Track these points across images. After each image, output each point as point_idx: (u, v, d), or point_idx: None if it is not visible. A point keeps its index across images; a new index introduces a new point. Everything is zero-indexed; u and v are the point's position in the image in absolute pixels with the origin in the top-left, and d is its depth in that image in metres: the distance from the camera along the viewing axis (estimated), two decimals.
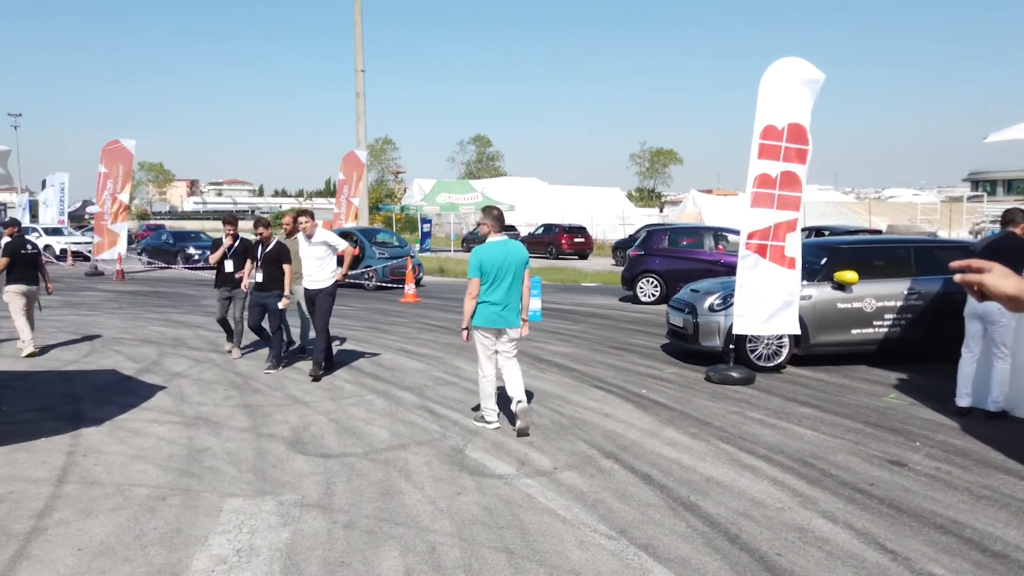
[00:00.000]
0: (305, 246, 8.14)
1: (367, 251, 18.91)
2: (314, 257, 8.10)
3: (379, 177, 73.87)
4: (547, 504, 4.61)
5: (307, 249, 8.13)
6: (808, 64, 7.81)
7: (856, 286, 8.50)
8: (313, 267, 8.12)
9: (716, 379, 7.91)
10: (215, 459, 5.42)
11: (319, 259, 8.09)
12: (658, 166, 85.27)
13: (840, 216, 33.70)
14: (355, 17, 28.14)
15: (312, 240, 8.09)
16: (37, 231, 29.90)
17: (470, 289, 5.96)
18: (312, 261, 8.11)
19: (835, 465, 5.36)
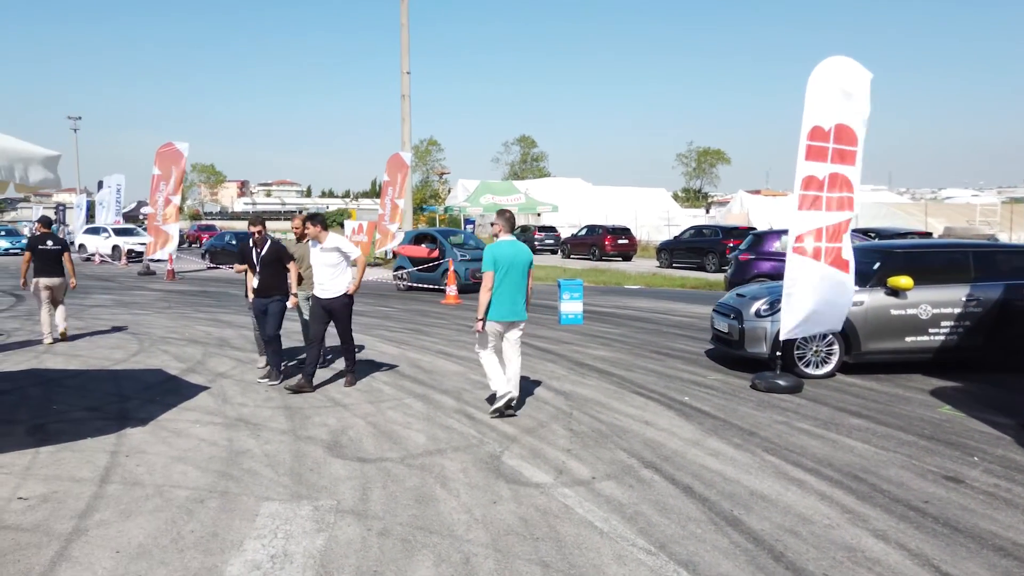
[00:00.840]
0: (316, 252, 7.60)
1: (448, 253, 18.11)
2: (326, 264, 7.54)
3: (424, 178, 74.48)
4: (584, 515, 4.50)
5: (318, 256, 7.57)
6: (855, 63, 7.57)
7: (911, 292, 8.17)
8: (326, 275, 7.57)
9: (762, 387, 7.68)
10: (254, 461, 5.45)
11: (332, 267, 7.54)
12: (705, 166, 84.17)
13: (894, 218, 32.69)
14: (402, 20, 28.37)
15: (324, 246, 7.53)
16: (107, 231, 30.72)
17: (485, 282, 6.49)
18: (324, 269, 7.56)
19: (887, 480, 5.13)
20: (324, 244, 7.52)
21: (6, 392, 7.54)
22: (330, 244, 7.52)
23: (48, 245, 10.27)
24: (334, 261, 7.53)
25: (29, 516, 4.41)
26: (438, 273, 17.98)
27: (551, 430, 6.31)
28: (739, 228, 27.68)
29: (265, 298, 7.88)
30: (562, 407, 7.08)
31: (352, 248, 7.66)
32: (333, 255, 7.53)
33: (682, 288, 20.06)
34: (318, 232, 7.52)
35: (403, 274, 19.07)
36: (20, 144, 5.28)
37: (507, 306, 6.52)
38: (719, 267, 25.42)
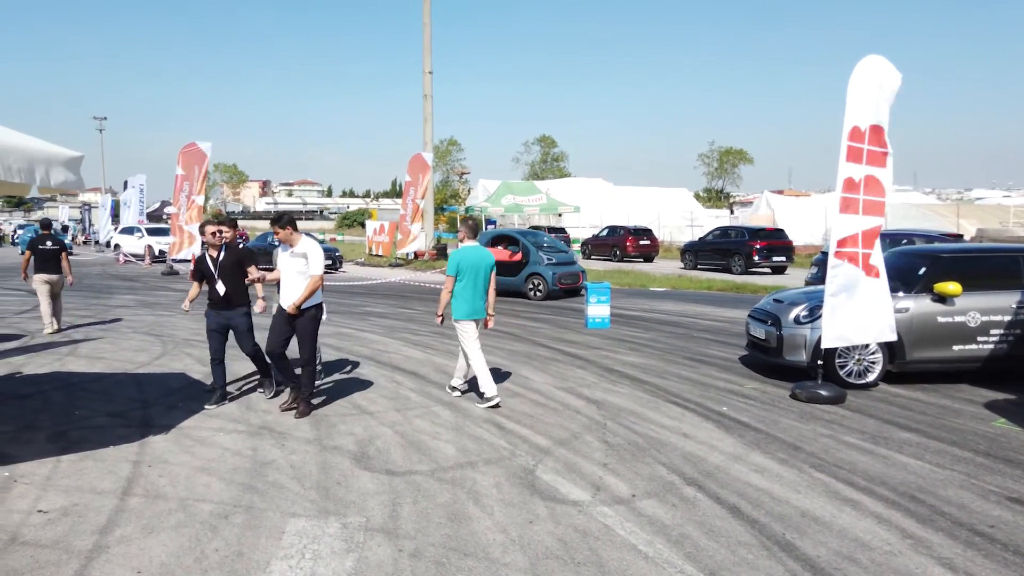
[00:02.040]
0: (285, 257, 6.78)
1: (532, 256, 16.79)
2: (296, 271, 6.69)
3: (444, 178, 74.37)
4: (627, 538, 4.25)
5: (286, 261, 6.75)
6: (889, 64, 7.32)
7: (959, 298, 7.82)
8: (294, 283, 6.69)
9: (803, 397, 7.37)
10: (279, 473, 5.26)
11: (300, 274, 6.67)
12: (727, 166, 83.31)
13: (925, 219, 31.96)
14: (424, 19, 28.24)
15: (295, 250, 6.70)
16: (140, 231, 30.74)
17: (447, 284, 7.22)
18: (293, 276, 6.70)
19: (947, 501, 4.83)
20: (295, 248, 6.71)
21: (29, 396, 7.42)
22: (301, 249, 6.69)
23: (47, 245, 11.39)
24: (303, 267, 6.70)
25: (49, 531, 4.24)
26: (521, 278, 16.77)
27: (585, 442, 6.07)
28: (766, 229, 27.28)
29: (228, 310, 7.03)
30: (595, 417, 6.82)
31: (317, 262, 6.66)
32: (302, 261, 6.70)
33: (709, 291, 19.69)
34: (288, 235, 6.70)
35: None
36: (42, 145, 5.13)
37: (470, 305, 7.17)
38: (745, 269, 25.10)
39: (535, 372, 8.79)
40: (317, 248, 6.73)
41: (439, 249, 29.99)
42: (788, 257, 25.62)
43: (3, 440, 5.95)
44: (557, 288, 16.54)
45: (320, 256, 6.70)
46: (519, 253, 17.02)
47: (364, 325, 12.58)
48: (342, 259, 27.39)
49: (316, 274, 6.62)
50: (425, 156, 27.00)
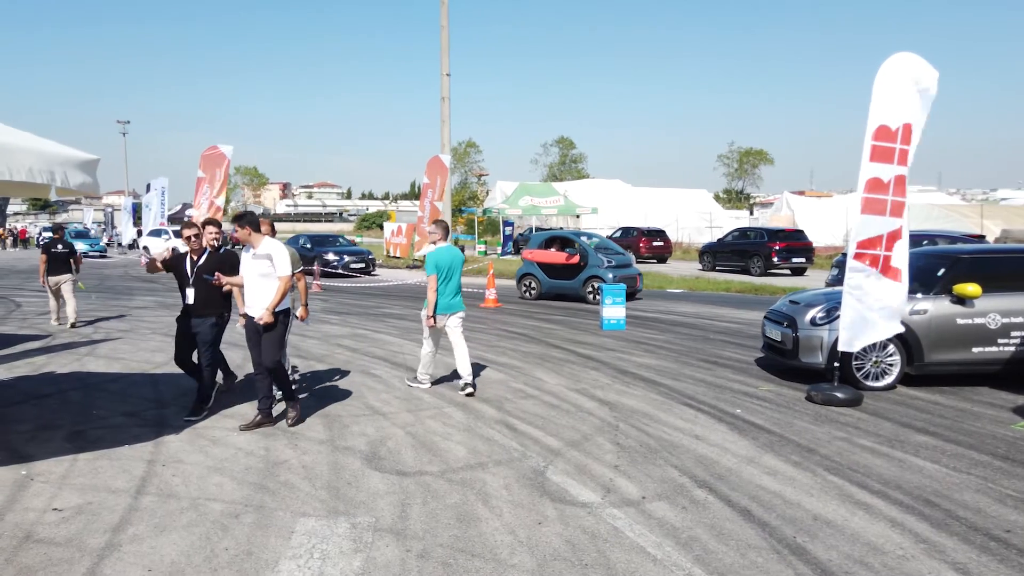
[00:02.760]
0: (247, 260, 6.34)
1: (591, 259, 16.03)
2: (258, 274, 6.27)
3: (462, 180, 74.56)
4: (636, 540, 4.23)
5: (249, 264, 6.32)
6: (923, 61, 7.14)
7: (979, 300, 7.70)
8: (258, 288, 6.28)
9: (819, 399, 7.29)
10: (290, 473, 5.29)
11: (263, 277, 6.25)
12: (747, 167, 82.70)
13: (948, 220, 31.51)
14: (442, 21, 28.31)
15: (257, 252, 6.25)
16: (168, 233, 31.00)
17: (431, 284, 7.53)
18: (256, 280, 6.29)
19: (963, 505, 4.75)
20: (257, 250, 6.25)
21: (49, 396, 7.54)
22: (264, 250, 6.23)
23: (59, 248, 12.50)
24: (265, 270, 6.24)
25: (63, 529, 4.30)
26: (579, 281, 16.03)
27: (596, 444, 6.05)
28: (786, 230, 27.10)
29: (196, 318, 6.63)
30: (607, 419, 6.80)
31: (283, 263, 6.24)
32: (265, 263, 6.24)
33: (727, 292, 19.56)
34: (247, 235, 6.23)
35: (531, 283, 17.17)
36: (60, 148, 5.22)
37: (448, 300, 7.62)
38: (764, 270, 24.93)
39: (548, 374, 8.77)
40: (282, 248, 6.33)
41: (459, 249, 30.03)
42: (808, 258, 25.49)
43: (22, 439, 6.04)
44: None
45: (286, 256, 6.28)
46: (576, 255, 16.28)
47: (380, 326, 12.63)
48: (375, 261, 26.29)
49: (283, 275, 6.23)
50: (443, 158, 27.07)
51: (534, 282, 17.08)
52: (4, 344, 10.51)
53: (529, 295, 17.17)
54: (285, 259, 6.27)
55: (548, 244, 17.08)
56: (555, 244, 17.01)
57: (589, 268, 15.91)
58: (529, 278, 17.22)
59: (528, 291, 17.23)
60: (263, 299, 6.24)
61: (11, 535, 4.21)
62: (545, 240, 17.30)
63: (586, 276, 15.82)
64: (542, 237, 17.68)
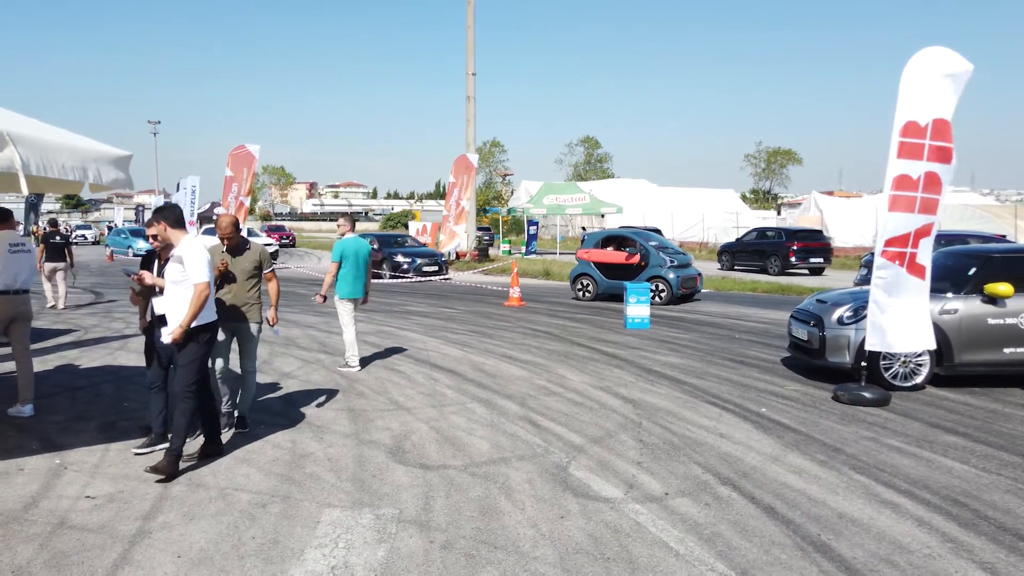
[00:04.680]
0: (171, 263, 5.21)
1: (653, 259, 15.61)
2: (170, 281, 5.20)
3: (487, 179, 74.69)
4: (658, 535, 4.22)
5: (169, 268, 5.23)
6: (954, 54, 7.01)
7: (1011, 300, 7.57)
8: (170, 296, 5.20)
9: (846, 399, 7.22)
10: (316, 465, 5.36)
11: (175, 284, 5.17)
12: (775, 166, 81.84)
13: (980, 221, 30.92)
14: (467, 21, 28.42)
15: (173, 253, 5.21)
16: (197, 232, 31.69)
17: (332, 269, 8.52)
18: (168, 287, 5.22)
19: (991, 506, 4.68)
20: (175, 250, 5.20)
21: (81, 388, 7.71)
22: (178, 251, 5.16)
23: (56, 239, 14.34)
24: (177, 276, 5.16)
25: (95, 516, 4.41)
26: (640, 282, 15.07)
27: (620, 440, 6.05)
28: (804, 230, 27.12)
29: None
30: (631, 416, 6.79)
31: (196, 267, 5.08)
32: (178, 268, 5.15)
33: (753, 292, 19.39)
34: (163, 231, 5.25)
35: (588, 283, 16.66)
36: (94, 144, 5.34)
37: (351, 287, 8.51)
38: (782, 270, 24.89)
39: (572, 371, 8.78)
40: (196, 249, 5.16)
41: (481, 250, 30.12)
42: (825, 258, 25.45)
43: (56, 429, 6.19)
44: (680, 292, 15.54)
45: (199, 260, 5.11)
46: (636, 255, 15.86)
47: (404, 323, 12.73)
48: (447, 264, 24.05)
49: (198, 282, 5.08)
50: (470, 157, 27.18)
51: (591, 282, 16.59)
52: (38, 338, 10.75)
53: (585, 295, 16.68)
54: (198, 263, 5.10)
55: (605, 243, 16.71)
56: (612, 243, 16.68)
57: (651, 268, 15.55)
58: (585, 278, 16.73)
59: (584, 291, 16.72)
60: (177, 311, 5.16)
61: (45, 521, 4.33)
62: (602, 239, 16.88)
63: (648, 276, 15.39)
64: (598, 236, 17.24)
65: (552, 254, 35.15)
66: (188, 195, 33.29)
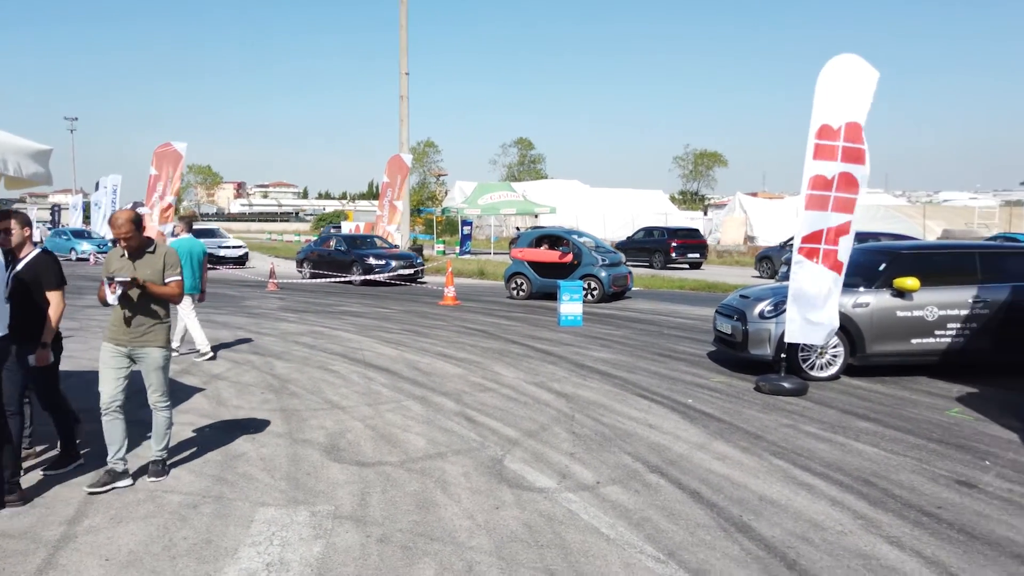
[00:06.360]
0: None
1: (585, 257, 15.88)
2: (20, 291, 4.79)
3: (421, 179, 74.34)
4: (590, 521, 4.37)
5: None
6: (864, 61, 7.45)
7: (917, 293, 8.06)
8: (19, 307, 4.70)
9: (767, 389, 7.56)
10: (249, 465, 5.31)
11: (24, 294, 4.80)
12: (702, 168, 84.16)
13: (893, 220, 32.58)
14: (400, 20, 28.27)
15: None
16: None
17: None
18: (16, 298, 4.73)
19: (899, 485, 5.01)
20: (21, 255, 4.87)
21: None
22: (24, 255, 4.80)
23: None
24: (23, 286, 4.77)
25: (17, 522, 4.27)
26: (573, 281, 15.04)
27: (553, 433, 6.19)
28: (683, 229, 30.70)
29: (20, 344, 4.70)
30: (564, 410, 6.95)
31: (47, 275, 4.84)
32: None
33: (681, 290, 19.95)
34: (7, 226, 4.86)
35: (522, 282, 16.79)
36: (10, 137, 5.15)
37: (189, 283, 8.76)
38: (664, 265, 27.83)
39: (507, 368, 8.90)
40: (42, 257, 4.93)
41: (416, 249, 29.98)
42: (702, 254, 28.94)
43: None
44: (612, 291, 15.84)
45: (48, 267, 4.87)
46: (569, 254, 16.08)
47: (338, 324, 12.61)
48: (424, 267, 22.01)
49: (52, 292, 4.90)
50: (404, 157, 27.02)
51: (525, 281, 16.78)
52: None
53: (519, 294, 16.85)
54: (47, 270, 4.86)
55: (539, 243, 16.88)
56: (546, 242, 16.85)
57: (584, 267, 15.82)
58: (519, 277, 16.91)
59: (518, 290, 16.90)
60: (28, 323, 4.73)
61: None
62: (536, 239, 17.05)
63: (581, 274, 15.66)
64: (532, 236, 17.42)
65: (487, 254, 35.30)
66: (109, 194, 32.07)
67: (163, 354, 5.00)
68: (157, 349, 4.95)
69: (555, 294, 13.45)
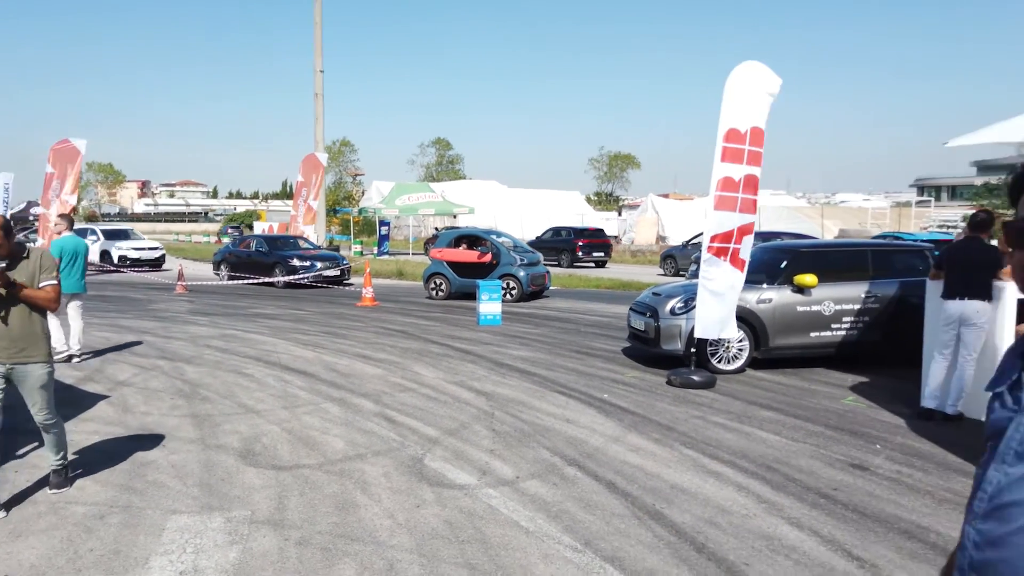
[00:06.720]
0: None
1: (504, 257, 16.01)
2: None
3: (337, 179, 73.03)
4: (510, 515, 4.46)
5: None
6: (767, 69, 7.84)
7: (815, 289, 8.54)
8: None
9: (678, 383, 7.86)
10: (159, 473, 5.14)
11: None
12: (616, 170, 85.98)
13: (794, 221, 34.29)
14: (315, 18, 27.71)
15: None
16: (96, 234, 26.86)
17: None
18: None
19: (798, 469, 5.32)
20: None
21: None
22: None
23: None
24: None
25: None
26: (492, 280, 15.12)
27: (473, 431, 6.25)
28: (588, 230, 32.09)
29: None
30: (484, 408, 7.02)
31: None
32: None
33: (597, 289, 20.38)
34: None
35: (441, 282, 16.78)
36: None
37: (67, 281, 8.77)
38: (570, 263, 29.23)
39: (427, 368, 8.90)
40: None
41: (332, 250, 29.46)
42: (606, 253, 30.29)
43: None
44: (530, 290, 16.00)
45: None
46: (488, 254, 16.21)
47: (251, 326, 12.29)
48: (350, 268, 21.22)
49: None
50: (319, 156, 26.50)
51: (444, 281, 16.76)
52: None
53: (439, 294, 16.83)
54: None
55: (458, 243, 16.93)
56: (464, 242, 16.90)
57: (502, 267, 15.96)
58: (438, 277, 16.88)
59: (437, 290, 16.87)
60: None
61: None
62: (454, 239, 17.09)
63: (500, 274, 15.78)
64: (451, 236, 17.45)
65: (405, 254, 35.05)
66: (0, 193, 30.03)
67: (46, 370, 4.63)
68: (38, 365, 4.58)
69: (474, 294, 13.46)
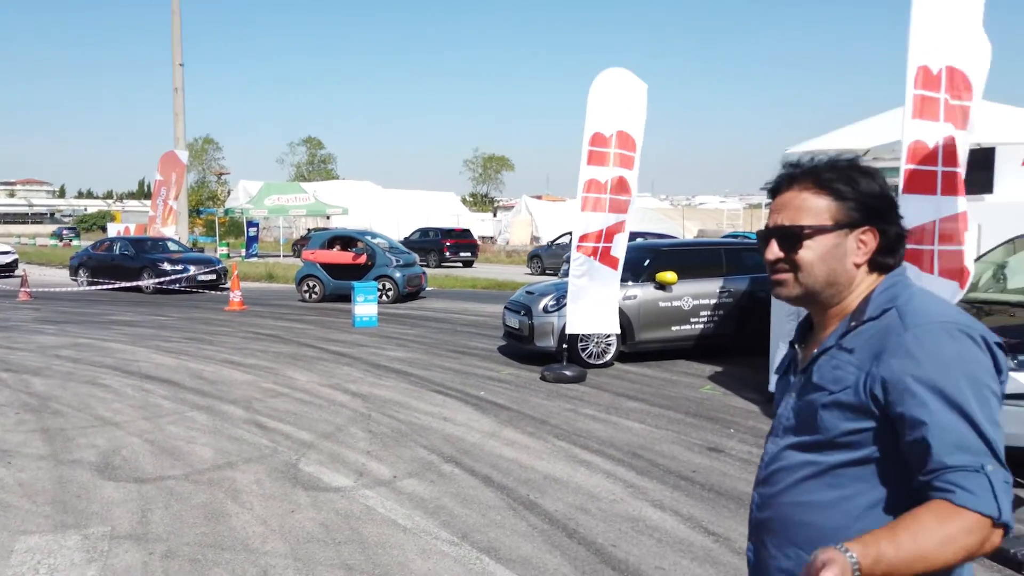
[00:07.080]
0: None
1: (379, 258, 15.90)
2: None
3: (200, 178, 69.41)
4: (387, 515, 4.49)
5: None
6: (632, 75, 8.24)
7: (676, 286, 9.08)
8: None
9: (551, 378, 8.13)
10: (5, 492, 4.78)
11: None
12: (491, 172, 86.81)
13: (657, 221, 36.05)
14: (173, 6, 26.21)
15: None
16: None
17: None
18: None
19: (661, 455, 5.67)
20: None
21: None
22: None
23: None
24: None
25: None
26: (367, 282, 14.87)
27: (349, 433, 6.21)
28: (455, 230, 32.97)
29: None
30: (360, 409, 6.98)
31: None
32: None
33: (473, 288, 20.59)
34: None
35: (314, 285, 16.37)
36: None
37: None
38: (438, 263, 29.79)
39: (300, 372, 8.71)
40: None
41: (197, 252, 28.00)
42: (473, 253, 31.38)
43: None
44: (406, 291, 15.97)
45: None
46: (363, 255, 16.04)
47: (107, 334, 11.53)
48: (227, 271, 18.98)
49: None
50: (179, 154, 25.11)
51: (317, 283, 16.39)
52: None
53: (312, 297, 16.43)
54: None
55: (331, 244, 16.63)
56: (339, 244, 16.60)
57: (378, 268, 15.83)
58: (311, 279, 16.47)
59: (310, 293, 16.46)
60: None
61: None
62: (328, 240, 16.80)
63: (375, 275, 15.58)
64: (324, 237, 17.15)
65: (276, 257, 33.87)
66: None
67: None
68: None
69: (349, 296, 13.18)
